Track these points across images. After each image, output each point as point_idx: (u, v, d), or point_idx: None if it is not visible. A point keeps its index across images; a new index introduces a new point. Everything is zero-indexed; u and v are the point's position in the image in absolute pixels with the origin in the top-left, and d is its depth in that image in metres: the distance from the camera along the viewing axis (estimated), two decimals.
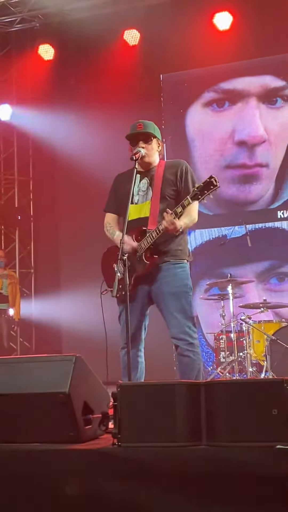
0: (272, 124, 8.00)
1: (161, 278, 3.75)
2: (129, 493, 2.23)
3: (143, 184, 3.88)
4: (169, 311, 3.72)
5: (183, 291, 3.75)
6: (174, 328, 3.71)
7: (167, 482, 2.21)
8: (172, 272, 3.75)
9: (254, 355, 6.30)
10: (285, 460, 2.15)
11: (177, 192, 3.87)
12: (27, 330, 8.77)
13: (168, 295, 3.73)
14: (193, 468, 2.23)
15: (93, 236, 6.63)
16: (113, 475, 2.27)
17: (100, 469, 2.29)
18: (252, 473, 2.15)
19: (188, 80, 8.42)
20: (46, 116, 8.57)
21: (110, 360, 3.86)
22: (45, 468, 2.36)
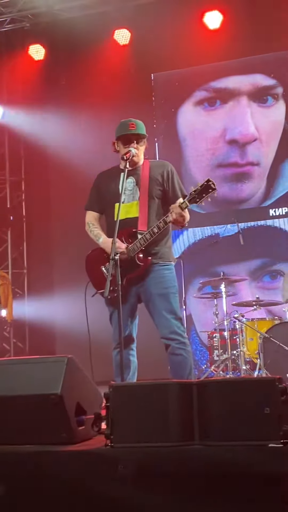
0: (263, 122, 8.01)
1: (150, 279, 3.77)
2: (122, 494, 2.23)
3: (129, 183, 3.89)
4: (159, 311, 3.74)
5: (171, 292, 3.78)
6: (164, 329, 3.73)
7: (160, 482, 2.21)
8: (161, 274, 3.78)
9: (248, 353, 6.32)
10: (277, 459, 2.16)
11: (164, 192, 3.90)
12: (20, 330, 8.74)
13: (157, 296, 3.75)
14: (186, 467, 2.23)
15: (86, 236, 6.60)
16: (106, 476, 2.27)
17: (93, 470, 2.29)
18: (245, 472, 2.15)
19: (179, 79, 8.43)
20: (37, 116, 8.55)
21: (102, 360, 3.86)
22: (38, 470, 2.36)
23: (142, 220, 3.78)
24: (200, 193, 3.66)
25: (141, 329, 3.95)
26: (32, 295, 8.84)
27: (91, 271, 3.95)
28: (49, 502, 2.32)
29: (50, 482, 2.32)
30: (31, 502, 2.35)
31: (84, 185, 7.19)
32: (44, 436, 2.46)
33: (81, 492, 2.27)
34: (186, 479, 2.20)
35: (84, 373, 2.65)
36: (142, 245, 3.71)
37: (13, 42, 8.69)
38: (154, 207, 3.84)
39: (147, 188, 3.84)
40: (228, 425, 2.27)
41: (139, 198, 3.83)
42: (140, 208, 3.80)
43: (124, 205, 3.80)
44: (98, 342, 3.99)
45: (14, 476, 2.38)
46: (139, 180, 3.87)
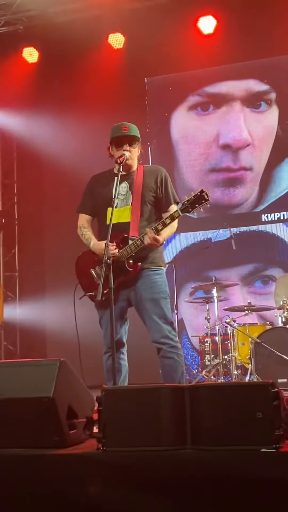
0: (256, 128, 8.04)
1: (141, 284, 3.77)
2: (114, 497, 2.23)
3: (123, 188, 3.88)
4: (150, 316, 3.74)
5: (162, 297, 3.78)
6: (155, 333, 3.73)
7: (152, 486, 2.20)
8: (152, 279, 3.78)
9: (239, 358, 6.32)
10: (269, 464, 2.16)
11: (157, 198, 3.90)
12: (11, 334, 8.71)
13: (148, 301, 3.75)
14: (178, 471, 2.23)
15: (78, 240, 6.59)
16: (97, 479, 2.26)
17: (85, 473, 2.28)
18: (237, 476, 2.15)
19: (173, 83, 8.45)
20: (30, 118, 8.54)
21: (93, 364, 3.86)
22: (29, 473, 2.34)
23: (133, 225, 3.78)
24: (193, 203, 3.69)
25: (132, 333, 3.94)
26: (24, 298, 8.82)
27: (81, 274, 3.95)
28: (40, 505, 2.31)
29: (42, 485, 2.31)
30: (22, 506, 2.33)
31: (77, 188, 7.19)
32: (36, 440, 2.45)
33: (73, 496, 2.26)
34: (178, 483, 2.19)
35: (76, 377, 2.64)
36: (133, 251, 3.71)
37: (6, 44, 8.67)
38: (146, 213, 3.85)
39: (140, 193, 3.84)
40: (220, 430, 2.27)
41: (131, 203, 3.83)
42: (132, 214, 3.80)
43: (117, 209, 3.79)
44: (89, 345, 3.98)
45: (5, 479, 2.36)
46: (133, 185, 3.87)
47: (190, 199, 3.69)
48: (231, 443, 2.24)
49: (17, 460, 2.39)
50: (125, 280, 3.74)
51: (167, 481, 2.20)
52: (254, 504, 2.12)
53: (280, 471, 2.12)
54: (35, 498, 2.31)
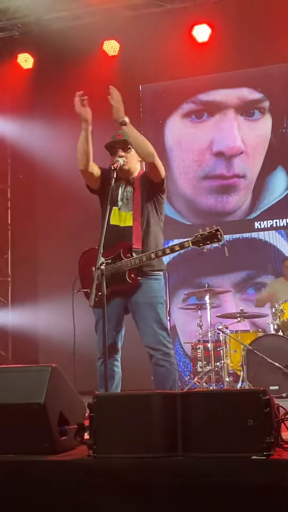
0: (249, 135, 8.08)
1: (138, 289, 3.76)
2: (105, 504, 2.22)
3: (127, 193, 3.89)
4: (145, 320, 3.73)
5: (158, 302, 3.78)
6: (149, 338, 3.72)
7: (142, 493, 2.20)
8: (149, 283, 3.78)
9: (231, 365, 6.33)
10: (260, 471, 2.16)
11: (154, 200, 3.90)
12: (3, 339, 8.69)
13: (143, 305, 3.75)
14: (169, 478, 2.23)
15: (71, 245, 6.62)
16: (88, 486, 2.25)
17: (75, 480, 2.28)
18: (228, 483, 2.15)
19: (167, 91, 8.48)
20: (25, 124, 8.55)
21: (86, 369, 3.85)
22: (19, 479, 2.34)
23: (136, 232, 3.76)
24: (206, 239, 3.70)
25: (125, 339, 3.93)
26: (16, 303, 8.79)
27: (82, 269, 3.93)
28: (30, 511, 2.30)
29: (32, 491, 2.30)
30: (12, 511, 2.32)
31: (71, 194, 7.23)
32: (27, 446, 2.45)
33: (63, 502, 2.26)
34: (169, 491, 2.19)
35: (68, 383, 2.64)
36: (137, 264, 3.71)
37: (2, 50, 8.69)
38: (146, 219, 3.84)
39: (139, 200, 3.84)
40: (211, 437, 2.27)
41: (133, 210, 3.84)
42: (134, 225, 3.80)
43: (120, 212, 3.82)
44: (82, 351, 3.97)
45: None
46: (133, 192, 3.88)
47: (204, 234, 3.70)
48: (222, 450, 2.24)
49: (7, 466, 2.39)
50: (121, 289, 3.74)
51: (158, 488, 2.20)
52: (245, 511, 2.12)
53: (270, 479, 2.12)
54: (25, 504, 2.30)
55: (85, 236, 4.44)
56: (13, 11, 8.08)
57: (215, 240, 3.68)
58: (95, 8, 7.90)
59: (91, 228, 4.23)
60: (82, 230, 6.80)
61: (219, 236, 3.67)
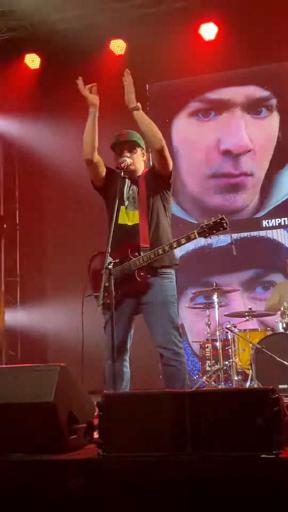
0: (257, 134, 8.06)
1: (150, 289, 3.75)
2: (114, 503, 2.23)
3: (133, 191, 3.89)
4: (157, 320, 3.72)
5: (170, 301, 3.77)
6: (160, 337, 3.71)
7: (151, 492, 2.21)
8: (160, 283, 3.77)
9: (240, 363, 6.32)
10: (269, 470, 2.16)
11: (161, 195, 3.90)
12: (13, 338, 8.71)
13: (156, 304, 3.74)
14: (178, 477, 2.23)
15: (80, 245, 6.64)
16: (97, 485, 2.26)
17: (85, 479, 2.28)
18: (237, 482, 2.15)
19: (174, 90, 8.47)
20: (32, 124, 8.56)
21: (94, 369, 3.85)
22: (29, 478, 2.35)
23: (143, 231, 3.76)
24: (211, 228, 3.67)
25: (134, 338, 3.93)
26: (25, 303, 8.82)
27: (92, 273, 3.93)
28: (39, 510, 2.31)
29: (41, 490, 2.31)
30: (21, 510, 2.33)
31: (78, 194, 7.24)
32: (36, 445, 2.46)
33: (73, 501, 2.27)
34: (178, 489, 2.20)
35: (77, 382, 2.65)
36: (145, 261, 3.71)
37: (9, 51, 8.71)
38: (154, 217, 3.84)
39: (145, 199, 3.84)
40: (220, 436, 2.27)
41: (139, 208, 3.84)
42: (140, 224, 3.79)
43: (127, 211, 3.83)
44: (90, 351, 3.98)
45: (5, 484, 2.37)
46: (138, 191, 3.88)
47: (209, 224, 3.69)
48: (231, 449, 2.24)
49: (17, 465, 2.40)
50: (132, 290, 3.74)
51: (167, 487, 2.20)
52: (254, 510, 2.12)
53: (280, 477, 2.12)
54: (35, 503, 2.31)
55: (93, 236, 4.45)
56: (21, 12, 8.09)
57: (221, 228, 3.66)
58: (102, 7, 7.90)
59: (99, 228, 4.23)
60: (90, 230, 6.81)
61: (225, 225, 3.65)
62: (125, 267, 3.72)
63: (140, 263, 3.71)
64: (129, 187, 3.89)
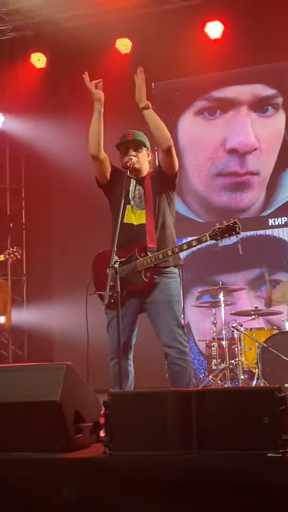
0: (263, 132, 8.05)
1: (155, 288, 3.76)
2: (120, 501, 2.23)
3: (138, 192, 3.89)
4: (161, 319, 3.73)
5: (175, 300, 3.78)
6: (165, 336, 3.72)
7: (158, 490, 2.21)
8: (165, 282, 3.78)
9: (246, 362, 6.31)
10: (276, 469, 2.16)
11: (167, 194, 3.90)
12: (19, 337, 8.74)
13: (161, 303, 3.75)
14: (184, 476, 2.23)
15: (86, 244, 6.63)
16: (104, 483, 2.26)
17: (91, 477, 2.29)
18: (243, 481, 2.15)
19: (180, 88, 8.46)
20: (38, 124, 8.57)
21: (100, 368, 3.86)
22: (36, 477, 2.35)
23: (150, 237, 3.76)
24: (223, 232, 3.68)
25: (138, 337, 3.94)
26: (31, 302, 8.84)
27: (96, 272, 3.94)
28: (46, 509, 2.32)
29: (48, 489, 2.32)
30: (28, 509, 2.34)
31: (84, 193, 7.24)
32: (42, 443, 2.46)
33: (79, 500, 2.27)
34: (184, 488, 2.20)
35: (83, 381, 2.65)
36: (153, 262, 3.71)
37: (15, 50, 8.73)
38: (160, 217, 3.84)
39: (151, 201, 3.84)
40: (226, 434, 2.27)
41: (145, 208, 3.84)
42: (147, 223, 3.80)
43: (133, 211, 3.83)
44: (96, 349, 3.98)
45: (12, 483, 2.37)
46: (144, 191, 3.88)
47: (222, 227, 3.69)
48: (237, 448, 2.24)
49: (24, 464, 2.40)
50: (137, 289, 3.74)
51: (174, 485, 2.20)
52: (261, 509, 2.12)
53: (286, 476, 2.12)
54: (41, 502, 2.32)
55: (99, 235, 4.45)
56: (26, 11, 8.11)
57: (233, 232, 3.66)
58: (107, 6, 7.90)
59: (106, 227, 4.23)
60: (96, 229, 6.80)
61: (237, 229, 3.66)
62: (132, 267, 3.72)
63: (148, 263, 3.71)
64: (134, 187, 3.89)
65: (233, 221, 3.69)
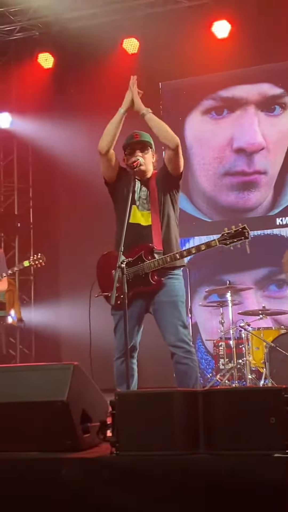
0: (270, 131, 8.03)
1: (159, 289, 3.77)
2: (127, 501, 2.23)
3: (143, 192, 3.90)
4: (167, 319, 3.74)
5: (179, 301, 3.79)
6: (171, 336, 3.73)
7: (165, 490, 2.21)
8: (169, 283, 3.79)
9: (253, 362, 6.30)
10: (282, 469, 2.15)
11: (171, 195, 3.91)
12: (27, 337, 8.76)
13: (166, 304, 3.76)
14: (191, 476, 2.23)
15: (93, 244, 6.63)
16: (111, 483, 2.27)
17: (98, 477, 2.29)
18: (250, 481, 2.15)
19: (187, 88, 8.46)
20: (45, 124, 8.59)
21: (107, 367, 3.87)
22: (42, 477, 2.36)
23: (155, 232, 3.76)
24: (232, 236, 3.69)
25: (144, 337, 3.94)
26: (39, 301, 8.87)
27: (101, 273, 3.94)
28: (53, 509, 2.32)
29: (55, 489, 2.32)
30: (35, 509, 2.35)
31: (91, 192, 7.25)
32: (49, 443, 2.47)
33: (86, 500, 2.28)
34: (191, 488, 2.20)
35: (91, 381, 2.66)
36: (161, 265, 3.72)
37: (22, 50, 8.76)
38: (165, 217, 3.85)
39: (156, 199, 3.85)
40: (233, 434, 2.27)
41: (151, 209, 3.84)
42: (153, 225, 3.80)
43: (139, 211, 3.83)
44: (103, 349, 3.99)
45: (19, 482, 2.38)
46: (149, 192, 3.89)
47: (230, 232, 3.70)
48: (244, 447, 2.24)
49: (30, 463, 2.41)
50: (144, 291, 3.75)
51: (180, 485, 2.21)
52: (267, 509, 2.12)
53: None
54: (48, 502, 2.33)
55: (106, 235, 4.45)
56: (33, 11, 8.13)
57: (242, 238, 3.67)
58: (114, 6, 7.91)
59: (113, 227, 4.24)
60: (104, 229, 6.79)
61: (246, 234, 3.68)
62: (138, 269, 3.73)
63: (155, 265, 3.72)
64: (139, 188, 3.90)
65: (242, 226, 3.70)
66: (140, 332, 3.88)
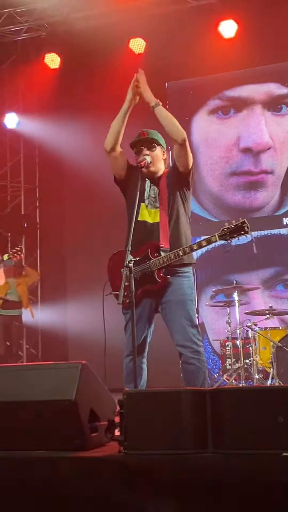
0: (277, 131, 8.02)
1: (168, 288, 3.76)
2: (135, 500, 2.24)
3: (153, 191, 3.89)
4: (175, 319, 3.73)
5: (188, 300, 3.78)
6: (179, 335, 3.72)
7: (173, 489, 2.21)
8: (178, 281, 3.78)
9: (260, 362, 6.30)
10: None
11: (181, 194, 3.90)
12: (33, 337, 8.78)
13: (174, 303, 3.75)
14: (199, 475, 2.23)
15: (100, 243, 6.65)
16: (119, 482, 2.27)
17: (106, 476, 2.30)
18: (258, 481, 2.15)
19: (194, 87, 8.46)
20: (52, 124, 8.61)
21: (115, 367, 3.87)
22: (50, 476, 2.36)
23: (163, 238, 3.76)
24: (232, 232, 3.69)
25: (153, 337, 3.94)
26: (46, 301, 8.88)
27: (111, 272, 3.95)
28: (61, 508, 2.33)
29: (63, 488, 2.33)
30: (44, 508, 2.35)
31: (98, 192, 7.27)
32: (57, 442, 2.47)
33: (94, 499, 2.28)
34: (199, 487, 2.20)
35: (98, 380, 2.66)
36: (165, 262, 3.72)
37: (29, 50, 8.78)
38: (174, 216, 3.84)
39: (166, 202, 3.85)
40: (241, 434, 2.26)
41: (160, 208, 3.84)
42: (161, 224, 3.80)
43: (148, 210, 3.83)
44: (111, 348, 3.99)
45: (27, 481, 2.39)
46: (159, 191, 3.88)
47: (230, 227, 3.70)
48: (252, 447, 2.23)
49: (38, 462, 2.42)
50: (152, 290, 3.75)
51: (188, 484, 2.20)
52: (275, 508, 2.11)
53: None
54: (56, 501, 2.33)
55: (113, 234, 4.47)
56: (40, 11, 8.15)
57: (242, 232, 3.66)
58: (121, 6, 7.92)
59: (120, 226, 4.24)
60: (111, 228, 6.83)
61: (246, 228, 3.66)
62: (145, 267, 3.73)
63: (160, 263, 3.72)
64: (149, 187, 3.90)
65: (241, 221, 3.69)
66: (150, 332, 3.88)
